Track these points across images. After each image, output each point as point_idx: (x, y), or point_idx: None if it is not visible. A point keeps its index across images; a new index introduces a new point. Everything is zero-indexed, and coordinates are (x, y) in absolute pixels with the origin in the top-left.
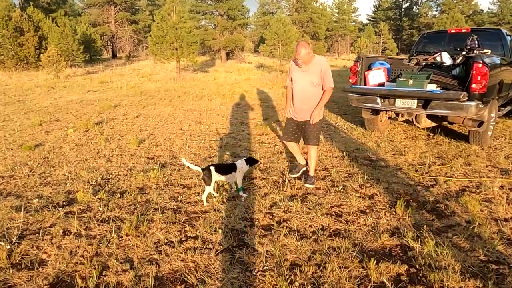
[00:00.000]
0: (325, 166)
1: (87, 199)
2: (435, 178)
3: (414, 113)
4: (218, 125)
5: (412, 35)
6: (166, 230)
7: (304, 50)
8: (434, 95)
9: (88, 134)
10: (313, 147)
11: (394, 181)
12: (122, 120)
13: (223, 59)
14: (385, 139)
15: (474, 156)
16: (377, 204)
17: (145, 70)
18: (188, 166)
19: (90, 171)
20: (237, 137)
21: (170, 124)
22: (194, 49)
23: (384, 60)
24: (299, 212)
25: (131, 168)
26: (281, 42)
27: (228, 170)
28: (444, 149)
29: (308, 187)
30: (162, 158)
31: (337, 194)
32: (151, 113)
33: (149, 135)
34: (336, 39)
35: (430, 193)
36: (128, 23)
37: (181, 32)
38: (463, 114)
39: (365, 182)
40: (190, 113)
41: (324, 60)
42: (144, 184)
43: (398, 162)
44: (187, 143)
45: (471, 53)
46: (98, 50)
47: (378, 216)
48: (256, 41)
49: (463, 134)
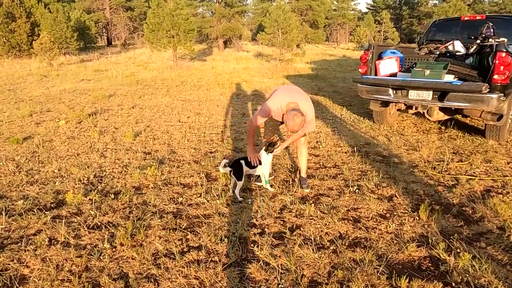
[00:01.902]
0: (335, 162)
1: (78, 201)
2: (456, 176)
3: (429, 105)
4: (218, 117)
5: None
6: (166, 239)
7: (300, 124)
8: (453, 86)
9: (81, 126)
10: (304, 144)
11: (412, 180)
12: (117, 111)
13: (221, 47)
14: (395, 133)
15: (493, 152)
16: (398, 208)
17: (141, 58)
18: (220, 170)
19: (81, 167)
20: (239, 130)
21: (168, 115)
22: (191, 37)
23: (396, 49)
24: (312, 216)
25: (127, 164)
26: (281, 30)
27: (252, 164)
28: (459, 144)
29: (306, 191)
30: (160, 153)
31: (352, 195)
32: (148, 104)
33: (145, 128)
34: (335, 28)
35: (453, 194)
36: (123, 10)
37: (178, 19)
38: (484, 107)
39: (380, 182)
40: (189, 104)
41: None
42: (141, 183)
43: (413, 159)
44: (186, 136)
45: (486, 41)
46: (93, 38)
47: (400, 222)
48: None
49: (476, 127)
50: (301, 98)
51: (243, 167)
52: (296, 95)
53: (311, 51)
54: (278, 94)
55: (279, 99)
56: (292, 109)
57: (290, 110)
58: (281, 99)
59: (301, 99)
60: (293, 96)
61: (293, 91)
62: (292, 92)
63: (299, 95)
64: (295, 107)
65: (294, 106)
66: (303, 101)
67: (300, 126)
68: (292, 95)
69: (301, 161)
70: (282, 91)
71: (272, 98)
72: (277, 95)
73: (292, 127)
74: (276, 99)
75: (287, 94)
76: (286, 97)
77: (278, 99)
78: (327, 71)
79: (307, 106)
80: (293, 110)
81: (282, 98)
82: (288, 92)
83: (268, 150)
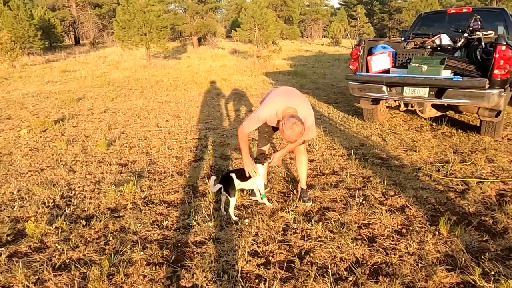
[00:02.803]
0: (333, 168)
1: (41, 231)
2: (464, 180)
3: (425, 102)
4: (199, 120)
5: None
6: (151, 278)
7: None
8: (455, 83)
9: (46, 135)
10: (303, 152)
11: (420, 187)
12: (87, 116)
13: (195, 45)
14: (388, 132)
15: (492, 150)
16: (413, 221)
17: (111, 57)
18: (211, 189)
19: (46, 186)
20: (224, 134)
21: (144, 119)
22: (165, 34)
23: (386, 43)
24: (321, 238)
25: (100, 180)
26: (258, 26)
27: (247, 175)
28: (456, 142)
29: (308, 206)
30: (138, 164)
31: (360, 208)
32: (121, 107)
33: (120, 134)
34: (309, 24)
35: (467, 202)
36: (91, 7)
37: (150, 16)
38: (484, 104)
39: (387, 189)
40: (166, 106)
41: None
42: (117, 203)
43: (413, 160)
44: (166, 143)
45: (473, 34)
46: (59, 37)
47: (420, 239)
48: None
49: (468, 123)
50: (300, 102)
51: (234, 181)
52: (293, 99)
53: (286, 47)
54: (273, 97)
55: (275, 104)
56: (290, 115)
57: (288, 117)
58: (276, 103)
59: (299, 103)
60: (290, 100)
61: (290, 94)
62: (289, 95)
63: (297, 98)
64: (293, 113)
65: (292, 112)
66: (302, 105)
67: (299, 136)
68: (289, 99)
69: (301, 171)
70: (277, 95)
71: (266, 102)
72: (272, 99)
73: (290, 137)
74: (271, 104)
75: (283, 98)
76: (283, 101)
77: (274, 103)
78: (306, 67)
79: (307, 111)
80: (291, 117)
81: (278, 102)
82: (285, 96)
83: (258, 161)
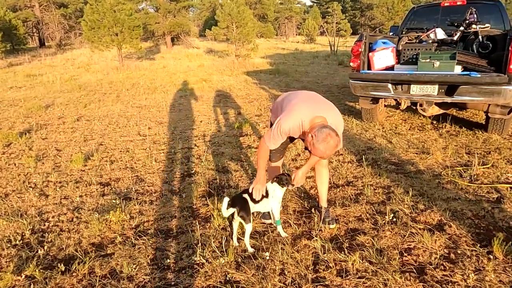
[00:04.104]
0: (346, 177)
1: (6, 284)
2: (493, 186)
3: (435, 101)
4: (186, 126)
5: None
6: None
7: (335, 146)
8: (473, 79)
9: (10, 151)
10: (325, 166)
11: (449, 197)
12: (58, 125)
13: (169, 44)
14: (392, 132)
15: (507, 150)
16: (459, 242)
17: (81, 59)
18: (224, 214)
19: (12, 218)
20: (215, 142)
21: (124, 127)
22: (137, 34)
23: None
24: (361, 272)
25: (78, 206)
26: (235, 24)
27: (255, 196)
28: (464, 141)
29: (333, 228)
30: (123, 182)
31: (394, 228)
32: (96, 114)
33: (98, 146)
34: (283, 22)
35: (505, 213)
36: (56, 7)
37: (121, 15)
38: (500, 101)
39: (415, 202)
40: (147, 111)
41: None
42: (103, 236)
43: (429, 165)
44: (152, 154)
45: (469, 28)
46: (22, 39)
47: (475, 267)
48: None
49: (471, 121)
50: (328, 109)
51: (248, 204)
52: (320, 106)
53: (263, 46)
54: (297, 106)
55: (300, 113)
56: (321, 125)
57: (319, 128)
58: (302, 112)
59: (328, 110)
60: (317, 107)
61: (315, 100)
62: (314, 101)
63: (324, 105)
64: (323, 123)
65: (322, 121)
66: (331, 112)
67: (334, 150)
68: (315, 105)
69: (322, 187)
70: (301, 101)
71: (290, 112)
72: (296, 107)
73: (324, 152)
74: (296, 113)
75: (309, 105)
76: (309, 110)
77: (298, 112)
78: (286, 65)
79: (337, 119)
80: (324, 128)
81: (304, 111)
82: (310, 103)
83: (280, 182)
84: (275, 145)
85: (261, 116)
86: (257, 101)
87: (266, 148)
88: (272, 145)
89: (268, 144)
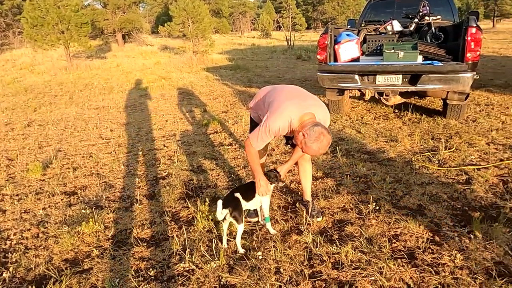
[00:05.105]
0: (324, 170)
1: None
2: (461, 169)
3: (399, 90)
4: (151, 126)
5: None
6: None
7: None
8: (436, 68)
9: None
10: (308, 160)
11: (423, 182)
12: (6, 133)
13: (120, 42)
14: (359, 122)
15: (466, 133)
16: (440, 225)
17: (22, 60)
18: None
19: None
20: (185, 141)
21: (83, 131)
22: (86, 31)
23: (350, 31)
24: (355, 262)
25: (43, 220)
26: (191, 20)
27: (252, 193)
28: (426, 127)
29: (319, 221)
30: (90, 190)
31: (378, 216)
32: (49, 118)
33: (56, 153)
34: (238, 17)
35: (477, 194)
36: None
37: (67, 12)
38: (459, 88)
39: (393, 189)
40: (106, 112)
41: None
42: (77, 251)
43: (400, 152)
44: (119, 158)
45: (423, 20)
46: None
47: (459, 247)
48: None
49: (429, 108)
50: (316, 105)
51: (241, 203)
52: (308, 102)
53: (219, 41)
54: (284, 104)
55: (288, 111)
56: (312, 124)
57: (310, 126)
58: (290, 111)
59: (315, 106)
60: (305, 103)
61: (301, 97)
62: (301, 98)
63: (312, 100)
64: (313, 121)
65: (311, 119)
66: (319, 108)
67: (326, 148)
68: (303, 102)
69: (305, 181)
70: (287, 99)
71: (277, 111)
72: (284, 106)
73: (317, 151)
74: (284, 112)
75: (297, 103)
76: (297, 107)
77: (287, 111)
78: (245, 60)
79: (325, 114)
80: (315, 126)
81: (292, 109)
82: (297, 100)
83: (271, 180)
84: (263, 145)
85: (228, 112)
86: (221, 97)
87: (255, 152)
88: (260, 145)
89: (256, 145)
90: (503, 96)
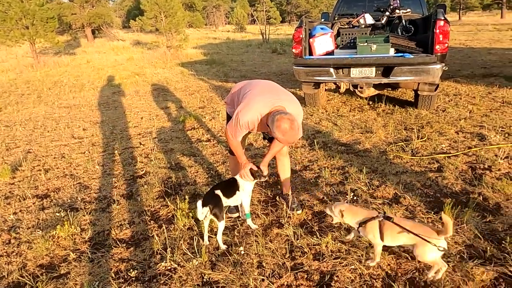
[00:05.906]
0: (302, 162)
1: None
2: (432, 157)
3: (373, 82)
4: (126, 124)
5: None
6: None
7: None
8: (407, 60)
9: None
10: (286, 154)
11: (398, 171)
12: None
13: (90, 37)
14: (335, 115)
15: (436, 123)
16: (416, 212)
17: None
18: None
19: None
20: (161, 138)
21: (53, 131)
22: (52, 26)
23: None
24: (335, 253)
25: (14, 225)
26: (164, 14)
27: (232, 190)
28: (399, 118)
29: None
30: (64, 192)
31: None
32: (16, 118)
33: (25, 155)
34: (211, 11)
35: (448, 181)
36: None
37: (31, 6)
38: (429, 79)
39: (370, 180)
40: (77, 111)
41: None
42: (53, 255)
43: (375, 143)
44: (93, 158)
45: (394, 13)
46: None
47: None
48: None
49: (401, 99)
50: (287, 100)
51: (222, 200)
52: (280, 96)
53: (193, 36)
54: (254, 98)
55: (258, 106)
56: (274, 112)
57: (272, 114)
58: (260, 106)
59: (287, 100)
60: (277, 98)
61: (273, 91)
62: (273, 92)
63: (284, 95)
64: (283, 111)
65: (281, 110)
66: (290, 103)
67: (293, 132)
68: (273, 97)
69: (284, 175)
70: (258, 94)
71: (247, 105)
72: (254, 100)
73: (292, 139)
74: (253, 107)
75: (267, 98)
76: (267, 102)
77: (256, 105)
78: (221, 55)
79: (296, 107)
80: (276, 114)
81: (262, 104)
82: (268, 94)
83: (253, 176)
84: (240, 137)
85: (205, 108)
86: (198, 93)
87: (236, 142)
88: (238, 136)
89: (233, 138)
90: (469, 86)
